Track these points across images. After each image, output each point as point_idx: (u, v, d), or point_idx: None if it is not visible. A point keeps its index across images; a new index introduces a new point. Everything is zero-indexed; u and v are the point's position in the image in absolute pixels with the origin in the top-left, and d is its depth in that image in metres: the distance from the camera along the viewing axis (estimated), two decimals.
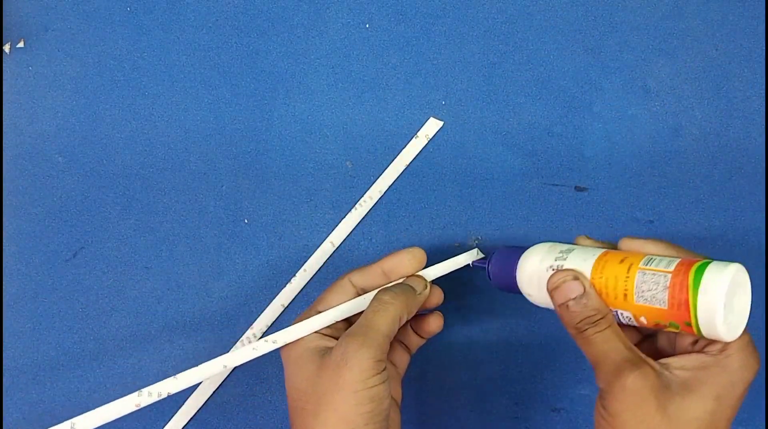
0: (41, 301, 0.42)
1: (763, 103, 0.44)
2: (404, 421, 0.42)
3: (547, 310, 0.43)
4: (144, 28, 0.44)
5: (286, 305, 0.42)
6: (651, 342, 0.34)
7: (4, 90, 0.43)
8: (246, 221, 0.43)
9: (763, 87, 0.45)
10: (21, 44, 0.44)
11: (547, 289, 0.33)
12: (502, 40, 0.45)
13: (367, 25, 0.45)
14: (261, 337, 0.37)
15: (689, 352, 0.31)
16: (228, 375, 0.42)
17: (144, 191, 0.43)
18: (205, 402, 0.42)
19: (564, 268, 0.33)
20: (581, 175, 0.44)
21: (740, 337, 0.30)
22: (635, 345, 0.31)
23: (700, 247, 0.44)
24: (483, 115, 0.44)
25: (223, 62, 0.44)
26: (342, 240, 0.43)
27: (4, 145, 0.43)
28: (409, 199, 0.43)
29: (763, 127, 0.44)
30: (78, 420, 0.34)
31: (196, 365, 0.35)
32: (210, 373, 0.35)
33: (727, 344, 0.29)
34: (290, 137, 0.44)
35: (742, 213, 0.44)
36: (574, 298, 0.31)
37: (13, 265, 0.42)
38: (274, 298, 0.43)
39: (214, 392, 0.42)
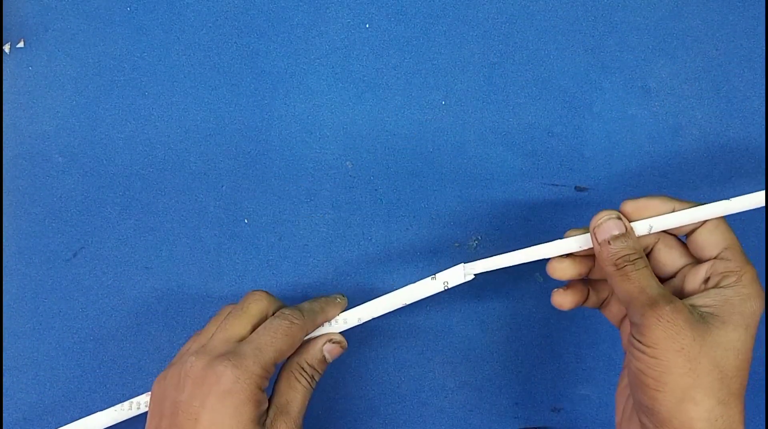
0: (41, 301, 0.42)
1: (763, 103, 0.44)
2: (404, 420, 0.42)
3: (548, 310, 0.43)
4: (144, 28, 0.44)
5: None
6: (667, 287, 0.35)
7: (4, 90, 0.43)
8: (246, 221, 0.43)
9: (763, 87, 0.45)
10: (21, 44, 0.44)
11: (590, 227, 0.34)
12: (502, 40, 0.45)
13: (367, 25, 0.45)
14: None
15: (705, 290, 0.32)
16: None
17: (144, 191, 0.43)
18: None
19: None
20: (581, 175, 0.44)
21: (750, 265, 0.32)
22: None
23: None
24: (483, 115, 0.44)
25: (223, 62, 0.44)
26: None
27: (4, 145, 0.43)
28: (409, 199, 0.43)
29: (763, 127, 0.44)
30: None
31: None
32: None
33: (740, 276, 0.32)
34: (290, 137, 0.44)
35: (742, 212, 0.44)
36: (616, 236, 0.33)
37: (13, 265, 0.42)
38: None
39: None
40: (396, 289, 0.38)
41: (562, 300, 0.36)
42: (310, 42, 0.44)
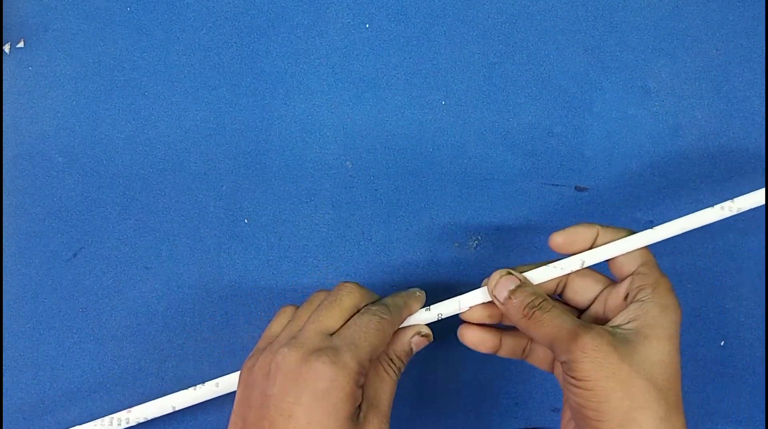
0: (41, 301, 0.42)
1: (763, 103, 0.44)
2: (404, 420, 0.42)
3: None
4: (144, 28, 0.44)
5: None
6: (586, 316, 0.36)
7: (4, 90, 0.43)
8: (246, 221, 0.43)
9: (763, 87, 0.45)
10: (21, 44, 0.44)
11: (489, 292, 0.35)
12: (502, 40, 0.45)
13: (367, 25, 0.45)
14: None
15: (625, 308, 0.33)
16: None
17: (144, 191, 0.43)
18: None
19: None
20: (581, 175, 0.44)
21: (665, 278, 0.33)
22: None
23: (700, 247, 0.44)
24: (483, 115, 0.44)
25: (223, 62, 0.44)
26: None
27: (4, 145, 0.43)
28: (409, 199, 0.43)
29: (763, 127, 0.44)
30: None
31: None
32: None
33: (655, 288, 0.32)
34: (290, 137, 0.44)
35: (742, 213, 0.44)
36: (513, 290, 0.34)
37: (13, 265, 0.42)
38: (274, 298, 0.43)
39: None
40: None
41: (471, 334, 0.37)
42: (310, 42, 0.44)
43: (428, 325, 0.37)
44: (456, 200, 0.43)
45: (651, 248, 0.36)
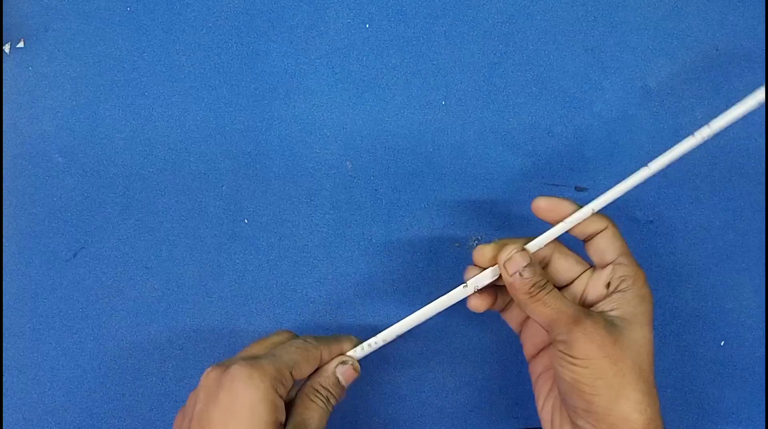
0: (41, 301, 0.42)
1: (764, 103, 0.44)
2: (404, 420, 0.42)
3: None
4: (144, 28, 0.44)
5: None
6: (566, 295, 0.38)
7: (4, 90, 0.43)
8: (246, 221, 0.43)
9: (763, 87, 0.44)
10: (21, 44, 0.44)
11: (500, 261, 0.36)
12: (502, 40, 0.45)
13: (367, 25, 0.45)
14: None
15: (608, 296, 0.36)
16: None
17: (144, 191, 0.43)
18: None
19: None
20: (581, 175, 0.44)
21: (641, 270, 0.36)
22: None
23: (700, 247, 0.44)
24: (483, 115, 0.44)
25: (223, 62, 0.44)
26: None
27: (4, 145, 0.43)
28: (409, 199, 0.43)
29: (763, 127, 0.44)
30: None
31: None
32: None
33: (634, 280, 0.35)
34: (290, 137, 0.44)
35: (742, 213, 0.44)
36: (525, 267, 0.35)
37: (13, 265, 0.42)
38: (274, 299, 0.43)
39: None
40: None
41: (478, 303, 0.38)
42: (310, 42, 0.44)
43: (432, 317, 0.37)
44: (456, 200, 0.43)
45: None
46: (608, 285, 0.36)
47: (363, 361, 0.38)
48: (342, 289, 0.43)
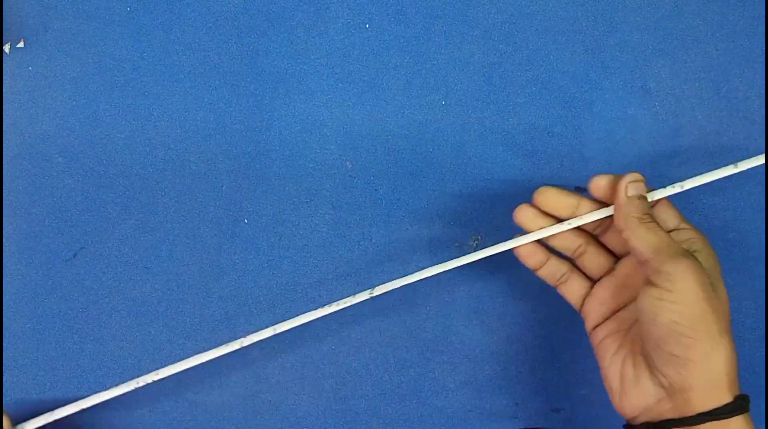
0: (41, 301, 0.42)
1: (763, 103, 0.44)
2: (404, 420, 0.42)
3: (548, 310, 0.43)
4: (144, 28, 0.44)
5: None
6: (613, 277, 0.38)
7: (4, 90, 0.43)
8: (246, 221, 0.43)
9: (763, 87, 0.45)
10: (21, 44, 0.44)
11: (622, 183, 0.36)
12: (502, 40, 0.45)
13: (367, 25, 0.45)
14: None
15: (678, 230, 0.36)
16: (227, 376, 0.42)
17: (144, 191, 0.43)
18: (205, 402, 0.42)
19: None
20: (581, 175, 0.44)
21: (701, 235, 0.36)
22: None
23: None
24: (483, 115, 0.44)
25: (223, 62, 0.44)
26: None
27: (4, 145, 0.43)
28: (409, 199, 0.43)
29: (763, 127, 0.44)
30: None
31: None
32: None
33: (704, 241, 0.35)
34: (290, 137, 0.44)
35: (742, 213, 0.44)
36: (642, 196, 0.36)
37: (13, 265, 0.42)
38: (274, 298, 0.43)
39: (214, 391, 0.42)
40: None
41: (531, 251, 0.38)
42: (310, 42, 0.44)
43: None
44: (456, 200, 0.43)
45: None
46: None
47: (363, 361, 0.38)
48: (342, 288, 0.43)
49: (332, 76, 0.44)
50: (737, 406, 0.32)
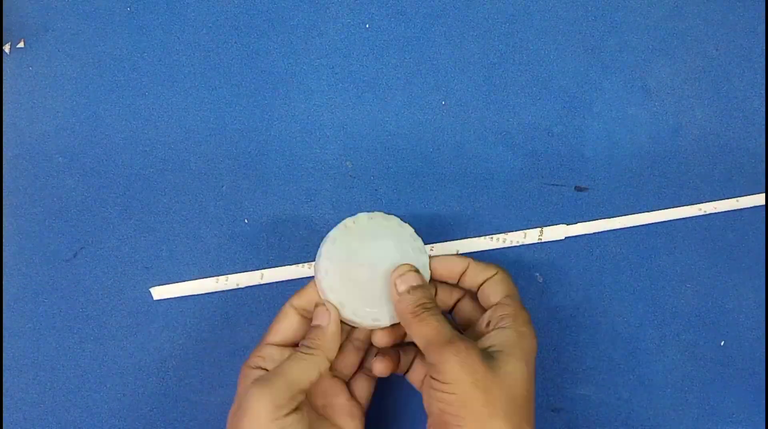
0: (41, 301, 0.42)
1: (763, 103, 0.44)
2: (404, 421, 0.42)
3: (548, 310, 0.43)
4: (144, 28, 0.44)
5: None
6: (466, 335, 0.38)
7: (4, 90, 0.43)
8: (246, 221, 0.43)
9: (763, 87, 0.45)
10: (21, 44, 0.44)
11: (392, 279, 0.37)
12: (502, 40, 0.45)
13: (367, 25, 0.45)
14: None
15: (487, 333, 0.35)
16: (228, 376, 0.42)
17: (144, 191, 0.43)
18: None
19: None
20: (581, 175, 0.44)
21: (525, 311, 0.36)
22: None
23: (700, 247, 0.44)
24: (483, 115, 0.44)
25: (223, 62, 0.44)
26: None
27: (4, 145, 0.43)
28: (409, 199, 0.43)
29: (763, 127, 0.44)
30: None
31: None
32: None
33: (515, 318, 0.35)
34: (290, 137, 0.44)
35: (742, 214, 0.44)
36: (414, 286, 0.36)
37: (13, 265, 0.42)
38: (274, 299, 0.43)
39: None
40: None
41: (382, 367, 0.38)
42: (310, 42, 0.44)
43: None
44: (456, 200, 0.43)
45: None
46: (488, 323, 0.36)
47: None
48: None
49: (332, 76, 0.44)
50: None
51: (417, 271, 0.37)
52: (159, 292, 0.41)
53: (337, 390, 0.38)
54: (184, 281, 0.42)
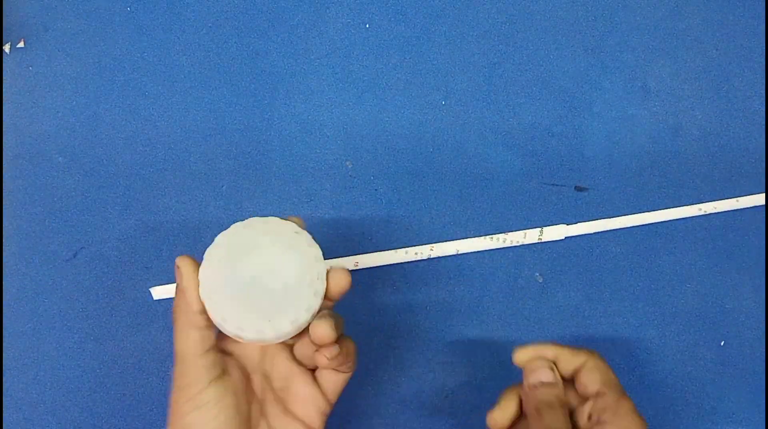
0: (41, 301, 0.42)
1: (763, 103, 0.44)
2: (403, 420, 0.42)
3: (548, 310, 0.43)
4: (144, 28, 0.44)
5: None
6: None
7: (4, 90, 0.43)
8: None
9: (763, 87, 0.45)
10: (21, 44, 0.44)
11: (522, 363, 0.36)
12: (502, 40, 0.45)
13: (367, 25, 0.45)
14: None
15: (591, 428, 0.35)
16: None
17: (144, 191, 0.43)
18: None
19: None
20: (581, 175, 0.44)
21: (627, 399, 0.34)
22: None
23: (700, 247, 0.44)
24: (483, 115, 0.44)
25: (223, 62, 0.44)
26: None
27: (4, 145, 0.43)
28: (409, 199, 0.43)
29: (763, 127, 0.44)
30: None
31: None
32: None
33: (616, 410, 0.34)
34: (290, 137, 0.44)
35: (742, 214, 0.44)
36: (543, 383, 0.35)
37: (13, 265, 0.42)
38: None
39: None
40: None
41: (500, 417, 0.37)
42: (310, 42, 0.44)
43: None
44: (456, 200, 0.43)
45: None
46: (590, 416, 0.35)
47: (363, 361, 0.38)
48: None
49: (332, 76, 0.44)
50: None
51: (552, 367, 0.36)
52: (159, 292, 0.41)
53: (298, 376, 0.36)
54: None
